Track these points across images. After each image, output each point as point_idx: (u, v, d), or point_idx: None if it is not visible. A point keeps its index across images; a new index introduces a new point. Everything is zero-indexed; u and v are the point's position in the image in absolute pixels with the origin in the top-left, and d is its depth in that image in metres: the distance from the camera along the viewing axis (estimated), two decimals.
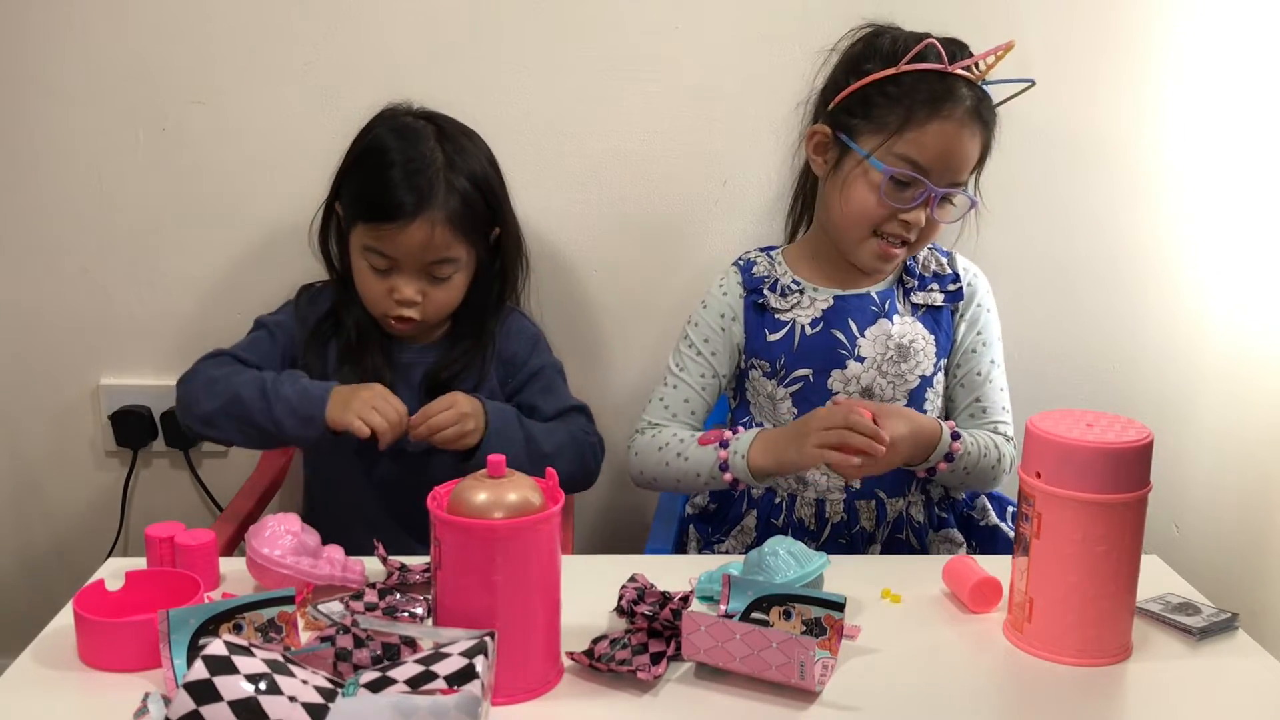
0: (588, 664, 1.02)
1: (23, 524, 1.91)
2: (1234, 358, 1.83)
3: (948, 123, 1.38)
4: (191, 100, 1.71)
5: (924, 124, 1.38)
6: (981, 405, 1.51)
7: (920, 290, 1.51)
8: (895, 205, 1.40)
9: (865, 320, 1.48)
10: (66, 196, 1.75)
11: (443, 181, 1.45)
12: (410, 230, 1.43)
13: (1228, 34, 1.70)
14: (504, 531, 0.95)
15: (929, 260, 1.53)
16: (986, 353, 1.52)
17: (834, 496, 1.48)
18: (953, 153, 1.39)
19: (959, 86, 1.39)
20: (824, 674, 1.01)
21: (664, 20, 1.69)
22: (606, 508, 1.87)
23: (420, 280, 1.48)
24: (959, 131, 1.38)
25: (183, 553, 1.15)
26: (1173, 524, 1.89)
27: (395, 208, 1.43)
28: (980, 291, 1.54)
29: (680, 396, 1.51)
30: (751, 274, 1.53)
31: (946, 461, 1.40)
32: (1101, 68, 1.71)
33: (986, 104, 1.42)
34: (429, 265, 1.47)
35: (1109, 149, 1.75)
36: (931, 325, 1.50)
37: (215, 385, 1.46)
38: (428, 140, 1.47)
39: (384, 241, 1.45)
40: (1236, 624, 1.14)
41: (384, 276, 1.48)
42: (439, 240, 1.45)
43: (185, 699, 0.82)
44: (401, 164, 1.45)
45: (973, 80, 1.40)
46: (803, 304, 1.50)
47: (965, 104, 1.38)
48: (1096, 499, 1.03)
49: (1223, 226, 1.78)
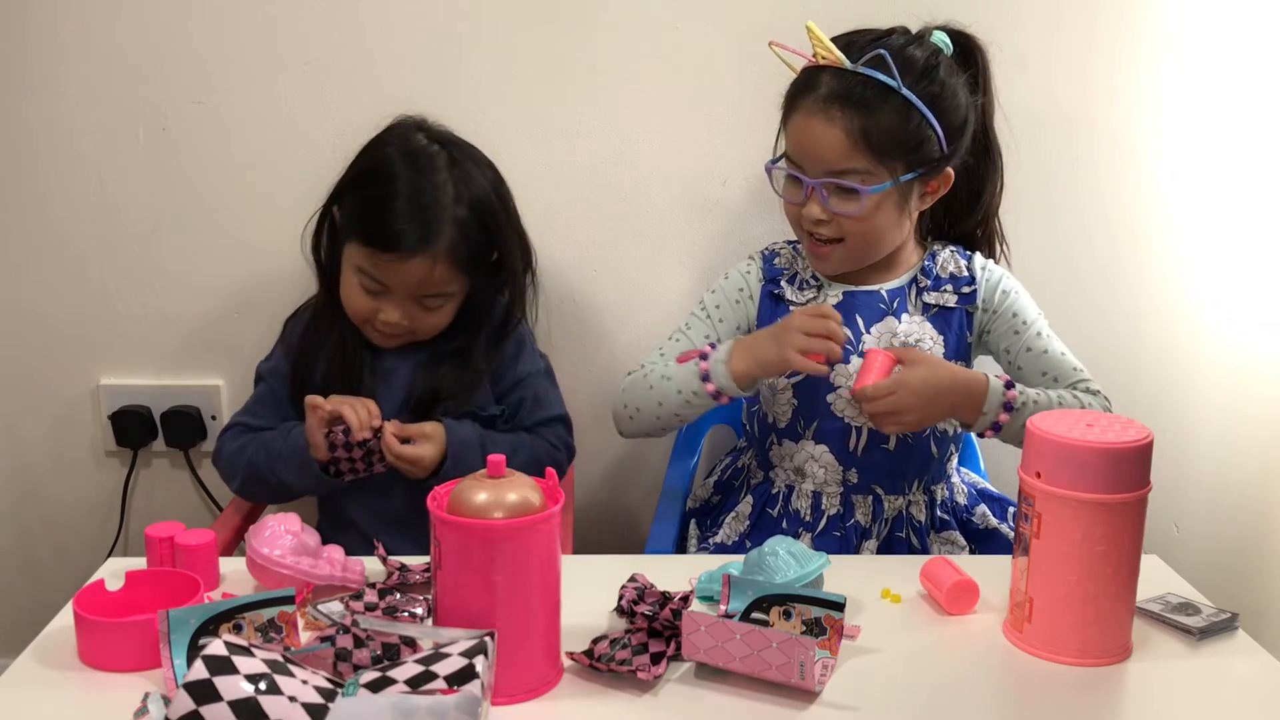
0: (588, 664, 1.02)
1: (23, 524, 1.91)
2: (1234, 358, 1.83)
3: (800, 113, 1.41)
4: (191, 100, 1.71)
5: (788, 119, 1.44)
6: (1050, 375, 1.47)
7: (933, 290, 1.49)
8: (790, 201, 1.44)
9: (872, 317, 1.48)
10: (66, 196, 1.75)
11: (450, 219, 1.43)
12: (410, 265, 1.42)
13: (1228, 35, 1.70)
14: (504, 531, 0.95)
15: (948, 262, 1.51)
16: (1030, 328, 1.48)
17: (830, 489, 1.48)
18: (811, 142, 1.39)
19: (818, 76, 1.39)
20: (824, 674, 1.01)
21: (663, 20, 1.69)
22: (606, 508, 1.87)
23: (409, 306, 1.47)
24: (811, 120, 1.38)
25: (183, 553, 1.15)
26: (1173, 524, 1.89)
27: (396, 238, 1.41)
28: (996, 278, 1.50)
29: (680, 348, 1.50)
30: (773, 264, 1.54)
31: (1007, 412, 1.38)
32: (1103, 67, 1.71)
33: (863, 86, 1.36)
34: (422, 297, 1.46)
35: (1109, 149, 1.75)
36: (942, 326, 1.48)
37: (234, 461, 1.52)
38: (439, 171, 1.45)
39: (379, 268, 1.44)
40: (1236, 624, 1.14)
41: (373, 297, 1.47)
42: (438, 276, 1.44)
43: (185, 699, 0.82)
44: (409, 195, 1.42)
45: (841, 66, 1.37)
46: (816, 299, 1.50)
47: (818, 91, 1.38)
48: (1096, 499, 1.03)
49: (1224, 227, 1.78)
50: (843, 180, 1.39)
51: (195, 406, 1.82)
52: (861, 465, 1.47)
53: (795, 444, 1.49)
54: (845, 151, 1.38)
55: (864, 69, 1.36)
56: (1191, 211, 1.77)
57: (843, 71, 1.38)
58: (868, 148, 1.37)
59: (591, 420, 1.78)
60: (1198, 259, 1.79)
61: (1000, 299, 1.50)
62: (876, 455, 1.47)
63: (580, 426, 1.67)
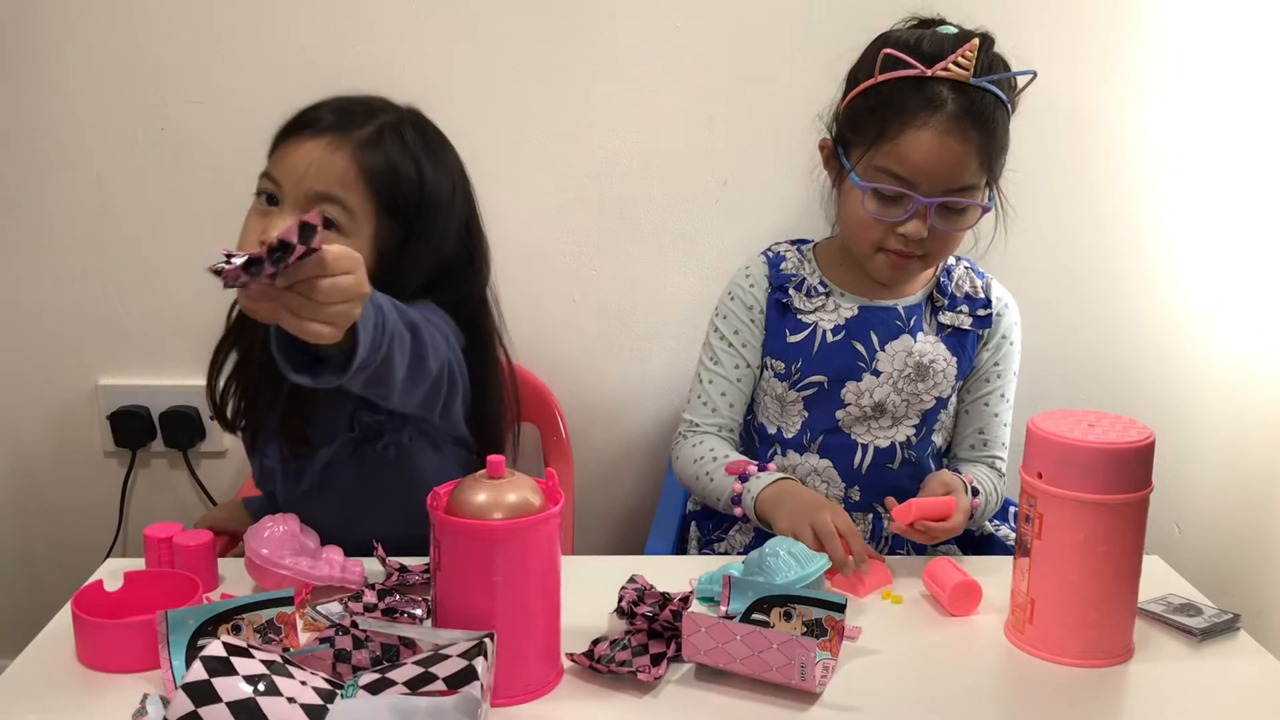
0: (588, 665, 1.02)
1: (22, 524, 1.91)
2: (1236, 358, 1.83)
3: (924, 130, 1.31)
4: (191, 100, 1.71)
5: (898, 134, 1.32)
6: (984, 438, 1.49)
7: (949, 310, 1.46)
8: (883, 219, 1.35)
9: (888, 334, 1.44)
10: (66, 196, 1.75)
11: (376, 125, 1.23)
12: (307, 147, 1.21)
13: (1229, 36, 1.70)
14: (503, 532, 0.95)
15: (963, 280, 1.48)
16: (999, 385, 1.49)
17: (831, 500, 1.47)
18: (935, 160, 1.32)
19: (938, 90, 1.32)
20: (824, 675, 1.01)
21: (664, 20, 1.69)
22: (606, 508, 1.87)
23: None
24: (940, 138, 1.31)
25: (181, 553, 1.15)
26: (1174, 524, 1.89)
27: (306, 122, 1.23)
28: (1007, 323, 1.49)
29: (717, 390, 1.48)
30: (779, 270, 1.49)
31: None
32: (1108, 66, 1.71)
33: (982, 102, 1.32)
34: (315, 201, 1.19)
35: (1111, 149, 1.74)
36: (955, 348, 1.46)
37: None
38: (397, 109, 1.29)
39: (277, 164, 1.22)
40: (1238, 625, 1.14)
41: (266, 213, 1.22)
42: (337, 169, 1.20)
43: (184, 700, 0.82)
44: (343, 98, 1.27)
45: (959, 80, 1.32)
46: (827, 308, 1.46)
47: (945, 108, 1.31)
48: (1098, 499, 1.03)
49: (1225, 227, 1.78)
50: (961, 199, 1.34)
51: (194, 407, 1.82)
52: (865, 483, 1.46)
53: (800, 456, 1.48)
54: (972, 169, 1.33)
55: (987, 84, 1.32)
56: (1193, 212, 1.77)
57: (964, 85, 1.32)
58: (986, 164, 1.35)
59: (589, 421, 1.78)
60: (1200, 259, 1.79)
61: (999, 343, 1.49)
62: (881, 475, 1.46)
63: (578, 428, 1.67)
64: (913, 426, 1.46)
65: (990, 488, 1.44)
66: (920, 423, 1.46)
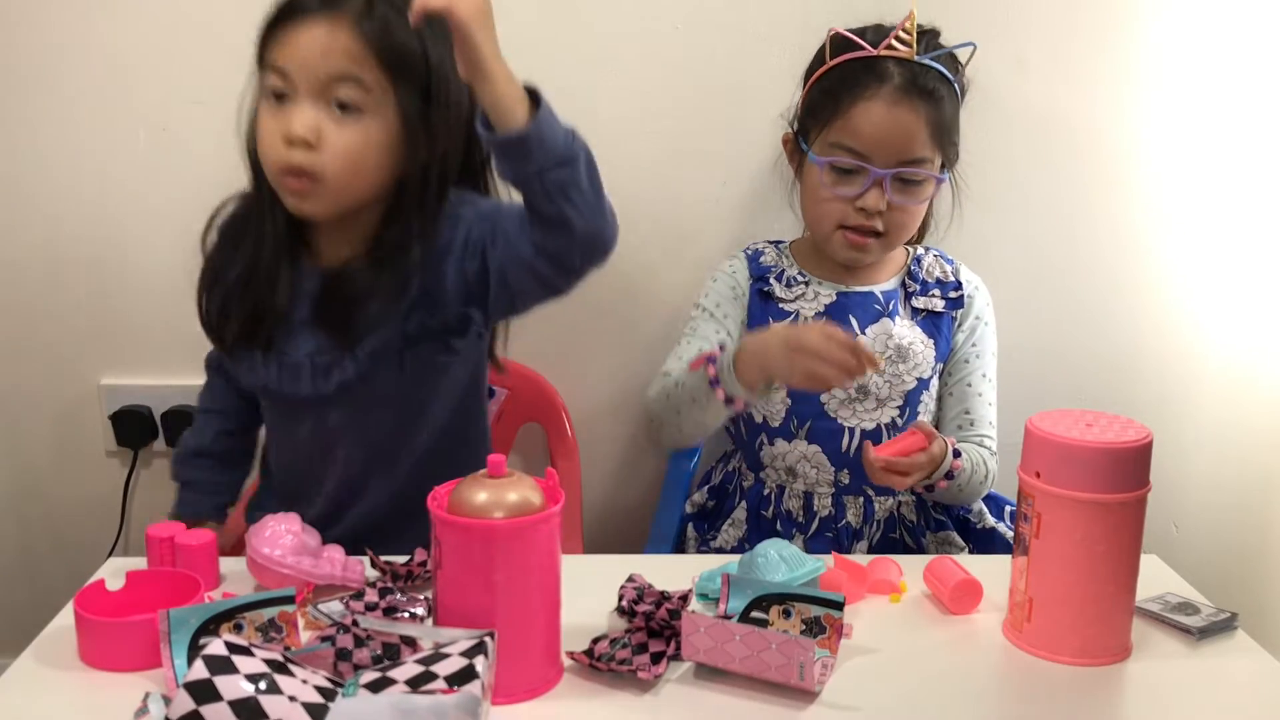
0: (588, 664, 1.02)
1: (23, 524, 1.91)
2: (1233, 357, 1.83)
3: (874, 101, 1.39)
4: (191, 100, 1.71)
5: (850, 107, 1.40)
6: (970, 418, 1.51)
7: (922, 295, 1.52)
8: (842, 194, 1.42)
9: (867, 318, 1.49)
10: (66, 196, 1.75)
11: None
12: (307, 32, 1.19)
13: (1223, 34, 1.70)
14: (504, 531, 0.95)
15: (933, 267, 1.54)
16: (979, 365, 1.52)
17: (822, 490, 1.49)
18: (886, 130, 1.39)
19: (885, 65, 1.40)
20: (823, 674, 1.01)
21: (664, 20, 1.69)
22: (606, 508, 1.87)
23: (319, 109, 1.20)
24: (889, 108, 1.39)
25: (183, 552, 1.15)
26: (1172, 523, 1.89)
27: (293, 8, 1.21)
28: (979, 304, 1.54)
29: (694, 348, 1.47)
30: (759, 263, 1.55)
31: (947, 479, 1.40)
32: (1104, 66, 1.71)
33: (928, 76, 1.40)
34: (330, 84, 1.19)
35: (1111, 149, 1.75)
36: (931, 330, 1.51)
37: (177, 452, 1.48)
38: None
39: (280, 54, 1.21)
40: (1236, 624, 1.14)
41: (279, 111, 1.22)
42: (341, 43, 1.19)
43: (185, 699, 0.82)
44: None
45: (904, 57, 1.39)
46: (807, 296, 1.51)
47: (893, 81, 1.39)
48: (1096, 499, 1.03)
49: (1223, 228, 1.78)
50: (916, 170, 1.41)
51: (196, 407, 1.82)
52: (854, 466, 1.47)
53: (788, 444, 1.49)
54: (923, 140, 1.41)
55: (929, 60, 1.40)
56: (1191, 213, 1.77)
57: (909, 62, 1.39)
58: (936, 138, 1.41)
59: (592, 420, 1.78)
60: (1197, 259, 1.79)
61: (973, 324, 1.53)
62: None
63: (581, 426, 1.67)
64: (897, 408, 1.48)
65: (977, 458, 1.46)
66: (904, 404, 1.48)
